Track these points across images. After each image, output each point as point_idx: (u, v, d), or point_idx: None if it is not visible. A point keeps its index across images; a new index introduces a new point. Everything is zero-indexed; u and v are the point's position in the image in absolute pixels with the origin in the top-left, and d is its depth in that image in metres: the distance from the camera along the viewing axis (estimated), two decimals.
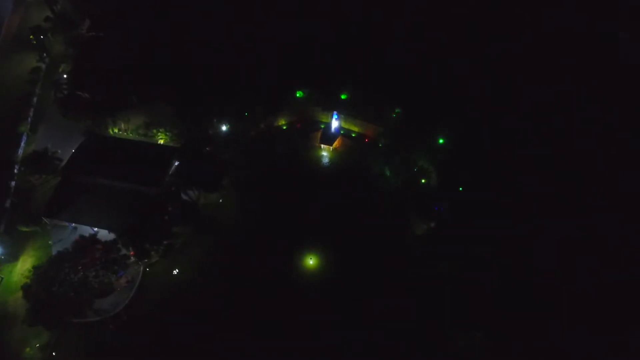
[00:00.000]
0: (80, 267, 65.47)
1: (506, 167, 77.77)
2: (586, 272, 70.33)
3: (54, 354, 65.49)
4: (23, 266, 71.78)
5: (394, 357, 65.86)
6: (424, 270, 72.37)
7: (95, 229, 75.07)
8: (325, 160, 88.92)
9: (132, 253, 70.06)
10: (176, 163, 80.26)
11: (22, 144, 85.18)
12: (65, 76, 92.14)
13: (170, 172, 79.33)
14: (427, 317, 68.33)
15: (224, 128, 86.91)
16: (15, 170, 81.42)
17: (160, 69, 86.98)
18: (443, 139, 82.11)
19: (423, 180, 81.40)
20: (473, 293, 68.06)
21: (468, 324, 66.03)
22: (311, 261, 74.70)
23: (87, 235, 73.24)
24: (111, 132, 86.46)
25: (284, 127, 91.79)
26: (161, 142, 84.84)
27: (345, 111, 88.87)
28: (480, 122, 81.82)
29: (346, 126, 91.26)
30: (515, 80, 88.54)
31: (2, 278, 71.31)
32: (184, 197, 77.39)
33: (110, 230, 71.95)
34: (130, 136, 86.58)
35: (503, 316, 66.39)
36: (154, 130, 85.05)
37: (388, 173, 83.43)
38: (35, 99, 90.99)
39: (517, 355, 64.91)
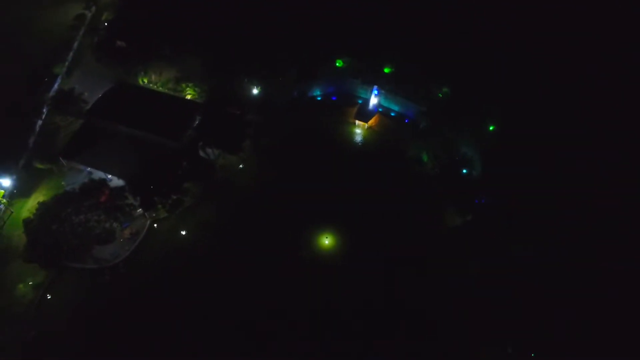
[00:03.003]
0: (83, 209, 62.17)
1: (562, 162, 66.38)
2: None
3: (48, 296, 62.89)
4: (33, 204, 69.91)
5: None
6: (453, 267, 62.95)
7: (110, 176, 72.16)
8: (359, 138, 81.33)
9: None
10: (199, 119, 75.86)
11: (56, 86, 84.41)
12: (106, 24, 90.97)
13: (192, 128, 75.02)
14: (451, 324, 58.90)
15: (255, 91, 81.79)
16: (45, 111, 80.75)
17: (197, 23, 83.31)
18: (494, 125, 71.98)
19: (464, 170, 71.82)
20: (508, 300, 57.78)
21: (498, 336, 55.90)
22: (327, 241, 67.50)
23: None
24: (141, 82, 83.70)
25: (318, 98, 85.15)
26: (189, 97, 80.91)
27: (388, 86, 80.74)
28: (541, 110, 70.65)
29: (386, 104, 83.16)
30: (588, 68, 76.10)
31: (12, 212, 69.86)
32: (202, 154, 72.78)
33: (120, 177, 68.58)
34: (160, 89, 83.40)
35: (540, 331, 55.66)
36: (183, 85, 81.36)
37: (425, 158, 74.55)
38: (75, 44, 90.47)
39: None
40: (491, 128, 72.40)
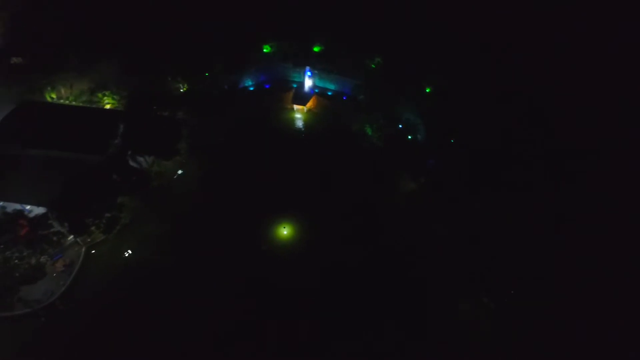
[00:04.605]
0: None
1: (501, 112, 67.98)
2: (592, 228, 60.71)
3: None
4: None
5: (387, 332, 55.13)
6: (416, 231, 62.25)
7: (27, 206, 63.15)
8: (300, 122, 78.53)
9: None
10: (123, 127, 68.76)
11: None
12: None
13: (116, 138, 67.82)
14: (425, 284, 57.94)
15: (181, 90, 75.97)
16: None
17: (103, 25, 75.91)
18: (430, 87, 72.32)
19: (409, 136, 71.55)
20: (475, 253, 57.94)
21: (472, 288, 55.78)
22: (285, 231, 63.91)
23: None
24: (49, 98, 74.52)
25: (251, 88, 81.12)
26: (108, 107, 73.29)
27: (320, 66, 78.64)
28: (474, 65, 71.91)
29: (321, 84, 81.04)
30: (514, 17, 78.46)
31: None
32: (132, 164, 66.02)
33: (39, 204, 60.12)
34: (74, 103, 74.79)
35: (510, 278, 56.36)
36: (99, 95, 73.48)
37: (370, 131, 73.32)
38: None
39: (526, 319, 54.67)
40: (428, 90, 72.63)
